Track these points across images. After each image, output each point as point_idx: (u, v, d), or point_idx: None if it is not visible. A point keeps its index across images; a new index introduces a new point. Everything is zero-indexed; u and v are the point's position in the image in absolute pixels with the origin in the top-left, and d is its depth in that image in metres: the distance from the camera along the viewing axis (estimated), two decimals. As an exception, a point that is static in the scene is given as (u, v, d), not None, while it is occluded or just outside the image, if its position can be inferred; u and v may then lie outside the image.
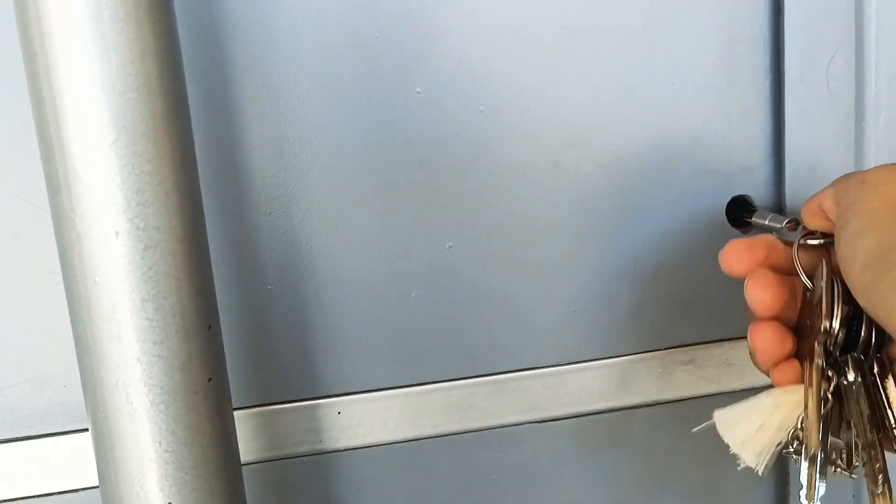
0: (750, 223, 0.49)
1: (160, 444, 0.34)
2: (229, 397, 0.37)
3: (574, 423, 0.51)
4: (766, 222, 0.47)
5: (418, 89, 0.46)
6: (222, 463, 0.36)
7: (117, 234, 0.32)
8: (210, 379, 0.35)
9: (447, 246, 0.48)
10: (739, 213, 0.50)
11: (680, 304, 0.51)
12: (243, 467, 0.40)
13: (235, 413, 0.40)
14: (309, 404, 0.48)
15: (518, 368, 0.50)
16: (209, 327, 0.35)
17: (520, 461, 0.51)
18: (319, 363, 0.48)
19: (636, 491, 0.53)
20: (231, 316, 0.46)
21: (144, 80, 0.32)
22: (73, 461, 0.47)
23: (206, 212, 0.36)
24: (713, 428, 0.53)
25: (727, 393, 0.52)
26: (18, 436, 0.46)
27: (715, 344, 0.52)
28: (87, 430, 0.47)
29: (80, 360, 0.35)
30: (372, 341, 0.48)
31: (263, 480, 0.49)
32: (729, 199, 0.50)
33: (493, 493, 0.51)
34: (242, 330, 0.47)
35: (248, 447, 0.48)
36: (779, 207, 0.50)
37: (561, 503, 0.52)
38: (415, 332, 0.48)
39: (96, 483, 0.47)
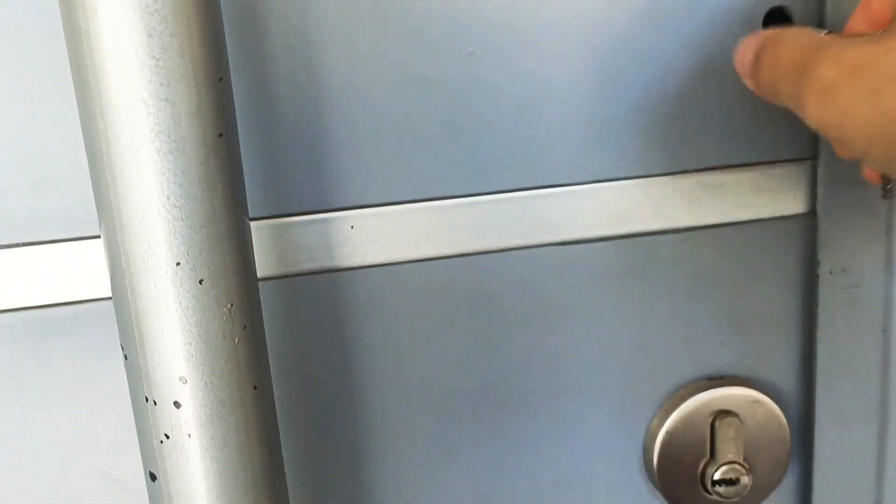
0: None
1: (168, 197, 0.32)
2: (240, 161, 0.35)
3: (598, 247, 0.49)
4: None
5: None
6: (234, 227, 0.34)
7: (120, -42, 0.30)
8: (221, 134, 0.33)
9: (468, 51, 0.45)
10: (777, 25, 0.47)
11: (711, 124, 0.48)
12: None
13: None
14: (320, 217, 0.46)
15: (541, 185, 0.48)
16: (220, 79, 0.33)
17: (540, 284, 0.49)
18: (332, 173, 0.46)
19: (657, 319, 0.51)
20: (239, 118, 0.44)
21: None
22: (78, 270, 0.45)
23: None
24: (741, 257, 0.51)
25: (756, 221, 0.50)
26: (20, 241, 0.44)
27: (746, 168, 0.49)
28: (94, 237, 0.45)
29: (80, 106, 0.32)
30: (388, 152, 0.46)
31: (271, 298, 0.47)
32: (766, 11, 0.47)
33: (512, 316, 0.49)
34: (250, 135, 0.44)
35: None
36: (820, 20, 0.47)
37: (581, 329, 0.50)
38: (434, 143, 0.46)
39: (102, 294, 0.46)
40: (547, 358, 0.50)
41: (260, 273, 0.46)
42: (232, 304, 0.34)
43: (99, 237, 0.45)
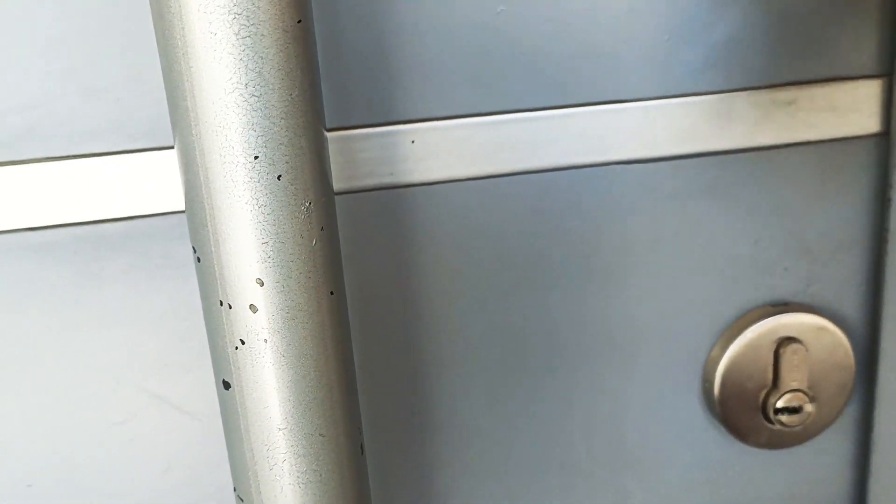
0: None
1: (246, 85, 0.30)
2: (316, 55, 0.33)
3: (660, 166, 0.47)
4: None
5: None
6: (312, 121, 0.32)
7: None
8: (300, 20, 0.31)
9: (536, -44, 0.43)
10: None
11: (784, 37, 0.46)
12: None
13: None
14: (380, 131, 0.44)
15: (605, 101, 0.46)
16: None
17: (603, 204, 0.47)
18: (392, 85, 0.44)
19: (720, 243, 0.49)
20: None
21: None
22: (131, 184, 0.43)
23: None
24: (809, 179, 0.49)
25: (828, 141, 0.48)
26: (67, 154, 0.43)
27: (819, 84, 0.47)
28: (147, 149, 0.43)
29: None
30: (450, 63, 0.44)
31: (330, 216, 0.45)
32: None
33: (571, 237, 0.48)
34: (310, 44, 0.43)
35: (313, 180, 0.45)
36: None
37: (641, 251, 0.49)
38: (497, 55, 0.44)
39: (156, 210, 0.44)
40: (605, 281, 0.49)
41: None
42: (310, 203, 0.32)
43: (152, 150, 0.43)
